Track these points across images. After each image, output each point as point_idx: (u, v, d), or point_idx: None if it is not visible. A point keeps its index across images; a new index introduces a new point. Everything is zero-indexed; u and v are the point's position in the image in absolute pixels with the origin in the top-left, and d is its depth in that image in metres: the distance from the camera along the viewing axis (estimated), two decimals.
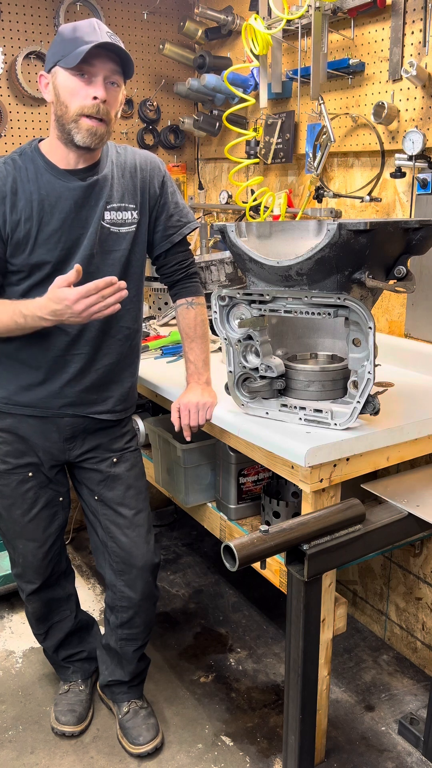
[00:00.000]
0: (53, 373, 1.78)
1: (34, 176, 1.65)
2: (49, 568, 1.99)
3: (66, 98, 1.57)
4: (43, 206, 1.65)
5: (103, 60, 1.55)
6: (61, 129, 1.62)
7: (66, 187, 1.67)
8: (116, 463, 1.92)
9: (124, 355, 1.85)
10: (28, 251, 1.66)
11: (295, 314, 1.67)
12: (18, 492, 1.87)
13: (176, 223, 1.87)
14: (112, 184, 1.73)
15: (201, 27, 3.08)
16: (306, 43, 2.44)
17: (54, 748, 2.06)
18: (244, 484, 2.10)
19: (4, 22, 2.87)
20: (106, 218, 1.72)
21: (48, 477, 1.89)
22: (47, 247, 1.67)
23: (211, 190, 3.45)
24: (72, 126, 1.58)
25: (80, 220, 1.69)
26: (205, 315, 1.96)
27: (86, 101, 1.56)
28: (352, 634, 2.55)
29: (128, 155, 1.79)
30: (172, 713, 2.18)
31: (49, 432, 1.84)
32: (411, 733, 2.04)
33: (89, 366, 1.80)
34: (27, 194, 1.64)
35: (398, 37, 2.14)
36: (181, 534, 3.25)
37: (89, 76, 1.56)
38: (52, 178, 1.66)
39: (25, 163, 1.66)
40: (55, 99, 1.60)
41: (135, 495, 1.94)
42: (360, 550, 1.55)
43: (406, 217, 2.22)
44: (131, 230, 1.77)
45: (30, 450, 1.85)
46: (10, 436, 1.83)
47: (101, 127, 1.60)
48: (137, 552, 1.92)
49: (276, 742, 2.07)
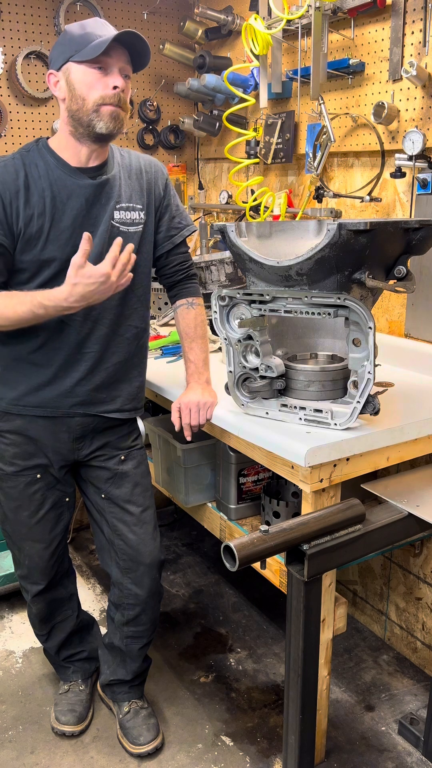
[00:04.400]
0: (64, 373, 1.78)
1: (45, 172, 1.66)
2: (54, 569, 2.00)
3: (83, 91, 1.59)
4: (56, 202, 1.66)
5: (118, 52, 1.59)
6: (77, 123, 1.63)
7: (77, 184, 1.68)
8: (124, 461, 1.93)
9: (132, 353, 1.87)
10: (39, 247, 1.67)
11: (295, 314, 1.67)
12: (26, 494, 1.87)
13: (177, 224, 1.90)
14: (120, 185, 1.75)
15: (201, 27, 3.08)
16: (306, 43, 2.44)
17: (54, 748, 2.06)
18: (244, 484, 2.10)
19: (4, 22, 2.87)
20: (116, 217, 1.74)
21: (56, 478, 1.90)
22: (58, 244, 1.68)
23: (211, 190, 3.45)
24: (93, 116, 1.60)
25: (91, 218, 1.71)
26: (204, 315, 1.97)
27: (106, 91, 1.59)
28: (352, 634, 2.55)
29: (132, 158, 1.83)
30: (172, 713, 2.18)
31: (59, 432, 1.84)
32: (411, 733, 2.04)
33: (99, 365, 1.81)
34: (39, 190, 1.65)
35: (398, 37, 2.14)
36: (181, 534, 3.25)
37: (106, 68, 1.59)
38: (63, 175, 1.67)
39: (35, 160, 1.67)
40: (68, 94, 1.62)
41: (142, 492, 1.95)
42: (360, 550, 1.55)
43: (406, 217, 2.22)
44: (139, 230, 1.80)
45: (39, 451, 1.85)
46: (19, 437, 1.84)
47: (122, 113, 1.63)
48: (145, 549, 1.92)
49: (276, 742, 2.07)
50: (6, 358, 1.78)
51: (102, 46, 1.54)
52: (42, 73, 3.00)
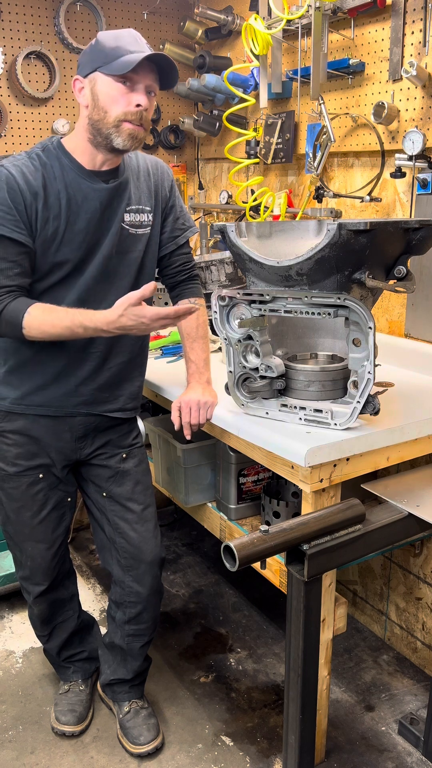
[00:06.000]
0: (69, 372, 1.79)
1: (60, 174, 1.67)
2: (56, 570, 2.00)
3: (106, 104, 1.60)
4: (71, 205, 1.67)
5: (146, 70, 1.59)
6: (96, 133, 1.63)
7: (92, 188, 1.69)
8: (125, 459, 1.94)
9: (135, 354, 1.88)
10: (54, 249, 1.67)
11: (295, 314, 1.67)
12: (28, 494, 1.88)
13: (181, 225, 1.92)
14: (130, 187, 1.77)
15: (201, 27, 3.08)
16: (306, 43, 2.44)
17: (54, 748, 2.06)
18: (244, 484, 2.10)
19: (4, 22, 2.87)
20: (126, 220, 1.76)
21: (58, 478, 1.90)
22: (71, 247, 1.69)
23: (211, 190, 3.45)
24: (113, 131, 1.61)
25: (103, 221, 1.72)
26: (205, 316, 1.99)
27: (129, 108, 1.59)
28: (352, 634, 2.55)
29: (139, 160, 1.84)
30: (172, 713, 2.18)
31: (62, 431, 1.85)
32: (411, 733, 2.04)
33: (103, 365, 1.82)
34: (55, 191, 1.66)
35: (398, 37, 2.14)
36: (181, 534, 3.25)
37: (132, 84, 1.59)
38: (78, 178, 1.68)
39: (50, 160, 1.67)
40: (92, 104, 1.62)
41: (143, 490, 1.95)
42: (360, 550, 1.55)
43: (406, 217, 2.22)
44: (146, 232, 1.81)
45: (42, 451, 1.85)
46: (22, 438, 1.84)
47: (141, 132, 1.64)
48: (146, 547, 1.93)
49: (276, 742, 2.07)
50: (11, 358, 1.79)
51: (132, 63, 1.54)
52: (42, 73, 3.00)
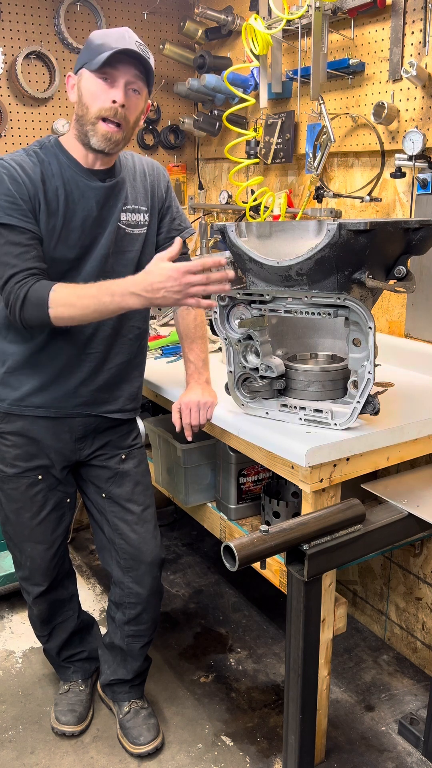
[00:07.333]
0: (68, 373, 1.79)
1: (58, 171, 1.67)
2: (55, 570, 2.00)
3: (87, 100, 1.60)
4: (68, 202, 1.67)
5: (127, 66, 1.58)
6: (80, 129, 1.64)
7: (89, 185, 1.69)
8: (125, 460, 1.94)
9: (134, 354, 1.88)
10: (52, 246, 1.67)
11: (295, 314, 1.67)
12: (27, 495, 1.87)
13: (178, 226, 1.92)
14: (126, 187, 1.77)
15: (201, 27, 3.07)
16: (306, 43, 2.44)
17: (54, 748, 2.06)
18: (244, 484, 2.10)
19: (4, 22, 2.87)
20: (122, 219, 1.76)
21: (58, 479, 1.90)
22: (68, 244, 1.68)
23: (211, 190, 3.45)
24: (89, 128, 1.62)
25: (100, 220, 1.72)
26: (204, 316, 1.99)
27: (105, 104, 1.59)
28: (352, 634, 2.55)
29: (135, 161, 1.84)
30: (172, 713, 2.18)
31: (61, 432, 1.85)
32: (411, 733, 2.04)
33: (102, 365, 1.82)
34: (53, 187, 1.66)
35: (398, 37, 2.14)
36: (181, 534, 3.25)
37: (111, 80, 1.59)
38: (76, 175, 1.68)
39: (48, 157, 1.67)
40: (78, 100, 1.63)
41: (143, 491, 1.95)
42: (360, 550, 1.55)
43: (406, 217, 2.22)
44: (143, 232, 1.81)
45: (41, 452, 1.85)
46: (21, 439, 1.84)
47: (117, 134, 1.62)
48: (146, 548, 1.93)
49: (276, 742, 2.07)
50: (10, 359, 1.79)
51: (104, 58, 1.54)
52: (42, 73, 3.00)
